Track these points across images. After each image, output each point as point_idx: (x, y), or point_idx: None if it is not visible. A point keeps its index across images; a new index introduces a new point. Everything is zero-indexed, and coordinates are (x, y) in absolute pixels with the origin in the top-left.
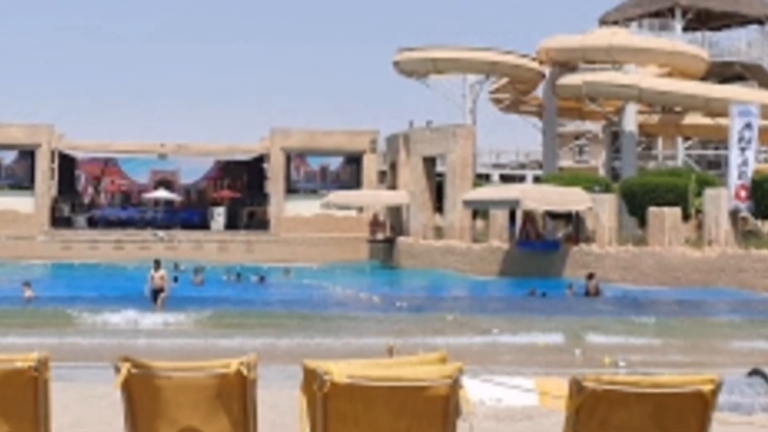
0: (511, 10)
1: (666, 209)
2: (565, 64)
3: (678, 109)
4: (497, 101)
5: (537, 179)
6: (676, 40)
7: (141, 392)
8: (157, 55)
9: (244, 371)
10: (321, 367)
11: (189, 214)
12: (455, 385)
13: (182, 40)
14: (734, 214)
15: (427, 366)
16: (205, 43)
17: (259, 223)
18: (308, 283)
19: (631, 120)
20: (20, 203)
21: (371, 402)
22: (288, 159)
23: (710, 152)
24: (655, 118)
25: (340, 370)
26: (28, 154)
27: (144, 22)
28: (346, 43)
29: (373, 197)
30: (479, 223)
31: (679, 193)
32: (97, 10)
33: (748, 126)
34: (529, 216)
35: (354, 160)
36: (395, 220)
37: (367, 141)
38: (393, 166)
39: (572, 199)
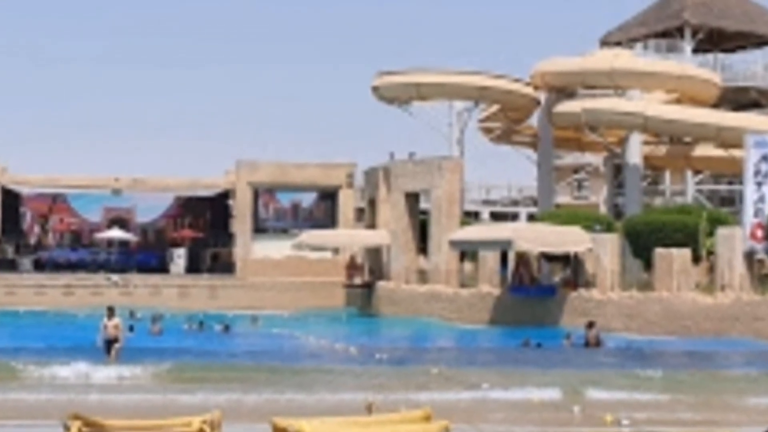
0: (503, 31)
1: (674, 251)
2: (563, 89)
3: (687, 139)
4: (487, 131)
5: (531, 217)
6: (685, 62)
7: None
8: (110, 79)
9: (207, 430)
10: (293, 426)
11: (146, 255)
12: None
13: (138, 63)
14: (750, 256)
15: (410, 424)
16: (163, 67)
17: (224, 266)
18: (278, 332)
19: (636, 151)
20: None
21: None
22: (255, 195)
23: (723, 187)
24: (662, 150)
25: (313, 429)
26: None
27: (95, 43)
28: (319, 67)
29: (350, 237)
30: (467, 266)
31: (688, 232)
32: (41, 30)
33: (765, 158)
34: (522, 258)
35: (329, 196)
36: (374, 263)
37: (343, 175)
38: (372, 203)
39: (570, 239)
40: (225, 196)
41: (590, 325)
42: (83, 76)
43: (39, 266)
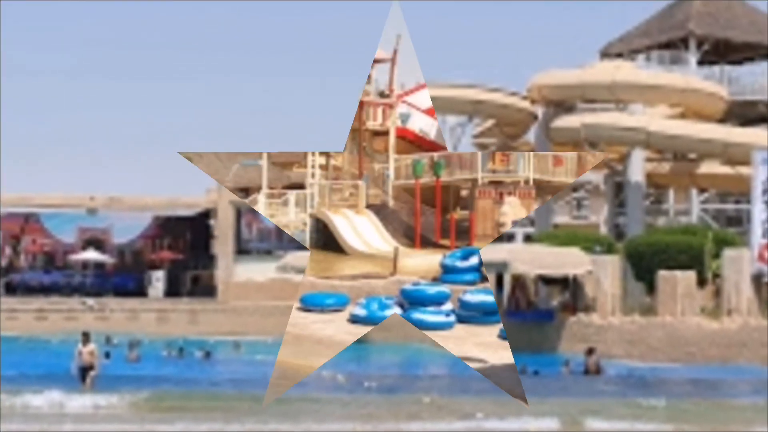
0: (498, 42)
1: (678, 273)
2: (561, 103)
3: (692, 156)
4: (482, 146)
5: (528, 238)
6: (689, 75)
7: None
8: (85, 93)
9: None
10: None
11: (123, 278)
12: None
13: (114, 76)
14: (758, 279)
15: None
16: (141, 81)
17: (205, 289)
18: (262, 359)
19: (638, 169)
20: None
21: None
22: (238, 214)
23: (730, 206)
24: (665, 167)
25: None
26: None
27: (68, 55)
28: (305, 79)
29: None
30: None
31: (693, 254)
32: (10, 40)
33: None
34: (518, 281)
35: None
36: None
37: None
38: None
39: (569, 261)
40: (206, 215)
41: (590, 351)
42: (56, 89)
43: (10, 290)
